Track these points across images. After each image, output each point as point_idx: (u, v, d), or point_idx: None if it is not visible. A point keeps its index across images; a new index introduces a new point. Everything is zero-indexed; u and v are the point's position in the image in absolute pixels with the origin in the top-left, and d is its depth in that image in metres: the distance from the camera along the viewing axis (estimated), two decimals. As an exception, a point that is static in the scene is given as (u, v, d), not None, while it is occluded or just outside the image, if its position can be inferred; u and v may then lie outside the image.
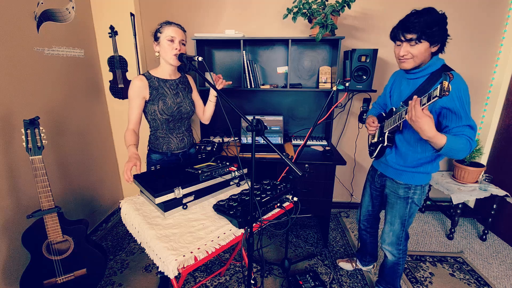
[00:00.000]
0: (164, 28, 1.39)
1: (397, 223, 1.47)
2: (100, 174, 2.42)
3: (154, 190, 1.18)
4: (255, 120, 0.94)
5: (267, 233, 2.39)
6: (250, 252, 1.09)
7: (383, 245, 1.58)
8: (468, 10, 2.29)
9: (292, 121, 2.58)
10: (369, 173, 1.70)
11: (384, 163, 1.48)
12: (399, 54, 1.23)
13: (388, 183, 1.49)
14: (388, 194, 1.50)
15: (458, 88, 1.14)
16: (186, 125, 1.61)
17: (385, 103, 1.56)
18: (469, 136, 1.14)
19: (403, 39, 1.19)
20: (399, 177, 1.41)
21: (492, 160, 2.52)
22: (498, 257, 2.15)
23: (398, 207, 1.45)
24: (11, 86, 1.56)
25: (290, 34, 2.41)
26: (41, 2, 1.74)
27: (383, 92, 1.59)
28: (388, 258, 1.60)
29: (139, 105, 1.44)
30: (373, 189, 1.66)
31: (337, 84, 1.50)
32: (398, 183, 1.43)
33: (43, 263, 1.44)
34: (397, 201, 1.45)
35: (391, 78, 1.53)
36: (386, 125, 1.41)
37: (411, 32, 1.15)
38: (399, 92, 1.39)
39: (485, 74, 2.45)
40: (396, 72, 1.51)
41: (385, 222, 1.55)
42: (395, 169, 1.42)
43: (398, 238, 1.50)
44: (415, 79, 1.30)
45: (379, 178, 1.58)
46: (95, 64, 2.30)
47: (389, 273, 1.62)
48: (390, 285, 1.65)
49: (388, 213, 1.52)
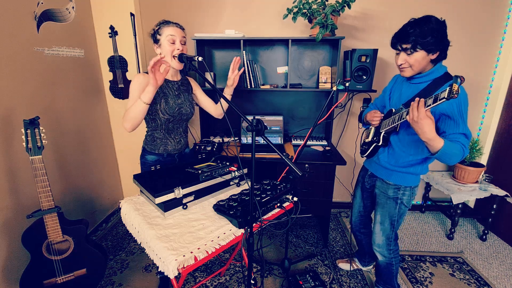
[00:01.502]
0: (163, 29, 1.38)
1: (387, 223, 1.50)
2: (100, 174, 2.42)
3: (154, 190, 1.18)
4: (255, 120, 0.94)
5: (267, 233, 2.39)
6: (250, 252, 1.09)
7: (374, 246, 1.60)
8: (468, 11, 2.29)
9: (292, 121, 2.58)
10: (360, 173, 1.71)
11: (375, 162, 1.50)
12: (397, 63, 1.28)
13: (378, 183, 1.52)
14: (378, 194, 1.53)
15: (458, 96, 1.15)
16: (184, 126, 1.61)
17: (382, 105, 1.57)
18: (463, 144, 1.16)
19: (400, 48, 1.23)
20: (389, 178, 1.44)
21: (492, 160, 2.52)
22: (498, 257, 2.15)
23: (388, 207, 1.47)
24: (11, 86, 1.56)
25: (290, 34, 2.41)
26: (41, 2, 1.74)
27: (382, 94, 1.60)
28: (379, 259, 1.61)
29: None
30: (363, 189, 1.68)
31: (337, 84, 1.50)
32: (388, 184, 1.45)
33: (43, 263, 1.44)
34: (387, 201, 1.47)
35: (391, 81, 1.53)
36: (383, 125, 1.42)
37: (406, 42, 1.19)
38: (399, 94, 1.41)
39: (485, 75, 2.45)
40: (397, 75, 1.52)
41: (375, 223, 1.57)
42: (386, 168, 1.44)
43: (388, 238, 1.53)
44: (417, 84, 1.32)
45: (369, 179, 1.60)
46: (95, 64, 2.30)
47: (384, 273, 1.64)
48: (388, 285, 1.66)
49: (378, 213, 1.54)
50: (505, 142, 2.37)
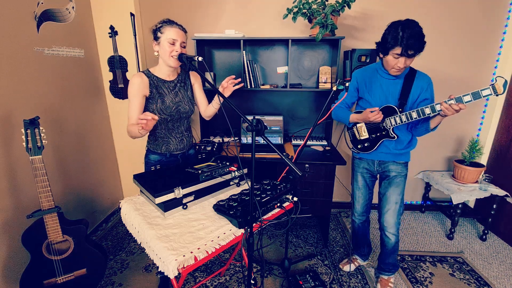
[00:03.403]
0: (165, 29, 1.36)
1: (400, 199, 1.64)
2: (100, 174, 2.43)
3: (154, 190, 1.18)
4: (255, 120, 0.94)
5: (267, 233, 2.39)
6: (250, 252, 1.09)
7: (388, 231, 1.67)
8: (467, 11, 2.29)
9: (292, 121, 2.58)
10: (360, 166, 1.75)
11: (384, 152, 1.63)
12: (397, 66, 1.40)
13: (392, 166, 1.65)
14: (392, 176, 1.65)
15: (430, 82, 1.52)
16: (186, 124, 1.60)
17: (353, 102, 1.72)
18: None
19: (406, 54, 1.34)
20: (399, 158, 1.63)
21: (492, 160, 2.52)
22: (498, 257, 2.15)
23: (402, 184, 1.65)
24: (11, 86, 1.56)
25: (290, 34, 2.41)
26: (41, 2, 1.74)
27: (351, 93, 1.68)
28: (391, 242, 1.68)
29: (140, 103, 1.40)
30: (368, 178, 1.75)
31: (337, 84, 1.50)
32: (401, 163, 1.65)
33: (43, 263, 1.44)
34: (401, 178, 1.65)
35: (359, 78, 1.63)
36: (392, 121, 1.52)
37: (412, 49, 1.33)
38: (380, 90, 1.55)
39: (485, 74, 2.45)
40: (361, 71, 1.63)
41: (389, 202, 1.65)
42: (395, 154, 1.62)
43: (399, 215, 1.66)
44: (396, 79, 1.52)
45: (379, 166, 1.69)
46: (95, 64, 2.30)
47: (392, 255, 1.72)
48: (396, 267, 1.76)
49: (393, 194, 1.64)
50: (505, 142, 2.37)
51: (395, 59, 1.39)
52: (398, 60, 1.38)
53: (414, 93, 1.50)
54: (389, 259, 1.74)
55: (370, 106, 1.58)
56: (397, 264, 1.79)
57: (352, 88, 1.66)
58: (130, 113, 1.40)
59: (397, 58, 1.38)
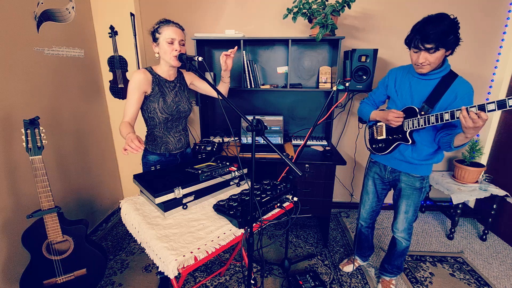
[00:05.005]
0: (162, 29, 1.36)
1: (411, 211, 1.58)
2: (100, 174, 2.42)
3: (154, 190, 1.18)
4: (255, 120, 0.94)
5: (267, 233, 2.39)
6: (250, 252, 1.09)
7: (397, 234, 1.64)
8: (468, 8, 2.28)
9: (292, 121, 2.58)
10: (372, 169, 1.71)
11: (397, 158, 1.53)
12: (417, 61, 1.29)
13: (404, 177, 1.55)
14: (403, 188, 1.57)
15: (470, 92, 1.33)
16: (183, 124, 1.61)
17: (381, 100, 1.61)
18: None
19: (422, 48, 1.24)
20: (415, 171, 1.50)
21: (492, 160, 2.52)
22: (498, 257, 2.15)
23: (414, 197, 1.55)
24: (11, 86, 1.56)
25: (290, 34, 2.40)
26: (41, 2, 1.74)
27: (380, 90, 1.60)
28: (402, 245, 1.65)
29: (138, 99, 1.39)
30: (379, 185, 1.69)
31: (337, 84, 1.50)
32: (414, 177, 1.52)
33: (43, 263, 1.44)
34: (413, 192, 1.54)
35: (391, 75, 1.54)
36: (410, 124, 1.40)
37: (430, 42, 1.21)
38: (409, 90, 1.43)
39: (485, 73, 2.45)
40: (396, 69, 1.53)
41: (399, 212, 1.61)
42: (411, 163, 1.49)
43: (410, 224, 1.61)
44: (428, 80, 1.37)
45: (390, 174, 1.61)
46: (95, 64, 2.30)
47: (399, 257, 1.71)
48: (400, 269, 1.74)
49: (402, 204, 1.59)
50: (505, 142, 2.37)
51: (415, 53, 1.29)
52: (417, 55, 1.28)
53: (446, 99, 1.32)
54: (396, 261, 1.72)
55: (394, 106, 1.49)
56: (402, 268, 1.76)
57: (381, 84, 1.57)
58: (126, 109, 1.39)
59: (416, 52, 1.28)
